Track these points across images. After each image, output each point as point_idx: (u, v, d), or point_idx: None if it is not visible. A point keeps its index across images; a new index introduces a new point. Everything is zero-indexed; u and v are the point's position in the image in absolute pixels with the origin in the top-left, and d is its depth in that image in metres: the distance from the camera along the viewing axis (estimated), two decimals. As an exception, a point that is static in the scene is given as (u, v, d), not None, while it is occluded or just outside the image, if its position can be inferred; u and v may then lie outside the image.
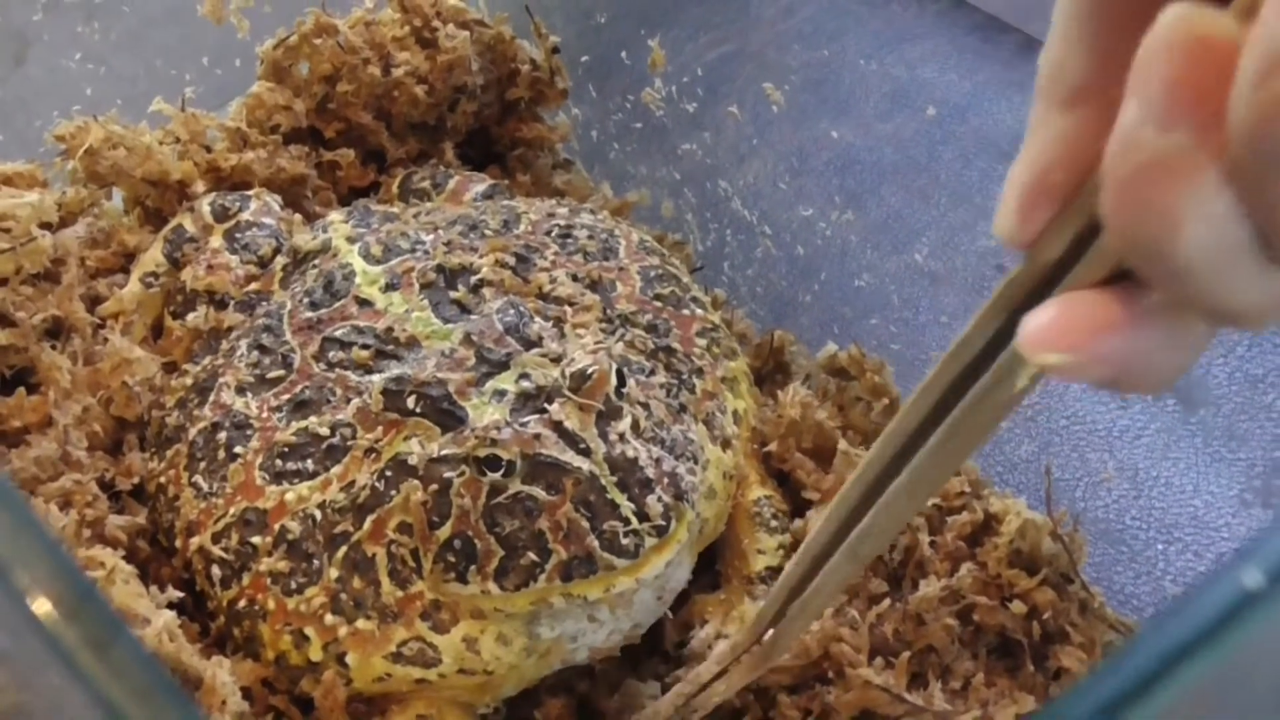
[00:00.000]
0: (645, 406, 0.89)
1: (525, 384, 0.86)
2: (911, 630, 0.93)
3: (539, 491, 0.82)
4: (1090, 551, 0.97)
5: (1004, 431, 1.09)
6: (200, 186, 1.15)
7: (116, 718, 0.44)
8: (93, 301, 1.10)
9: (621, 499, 0.82)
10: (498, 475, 0.82)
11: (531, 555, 0.82)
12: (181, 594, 0.94)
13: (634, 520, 0.82)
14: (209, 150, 1.18)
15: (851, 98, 1.25)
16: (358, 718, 0.90)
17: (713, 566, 1.00)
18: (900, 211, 1.20)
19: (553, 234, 1.05)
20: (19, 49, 1.22)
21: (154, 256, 1.11)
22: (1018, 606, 0.92)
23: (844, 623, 0.93)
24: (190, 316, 1.06)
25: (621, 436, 0.84)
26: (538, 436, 0.83)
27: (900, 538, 0.96)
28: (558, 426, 0.84)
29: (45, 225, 1.07)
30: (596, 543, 0.82)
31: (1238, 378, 1.06)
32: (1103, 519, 1.03)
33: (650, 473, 0.84)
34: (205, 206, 1.12)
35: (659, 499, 0.83)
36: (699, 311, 1.04)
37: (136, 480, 1.00)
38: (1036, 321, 0.49)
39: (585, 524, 0.82)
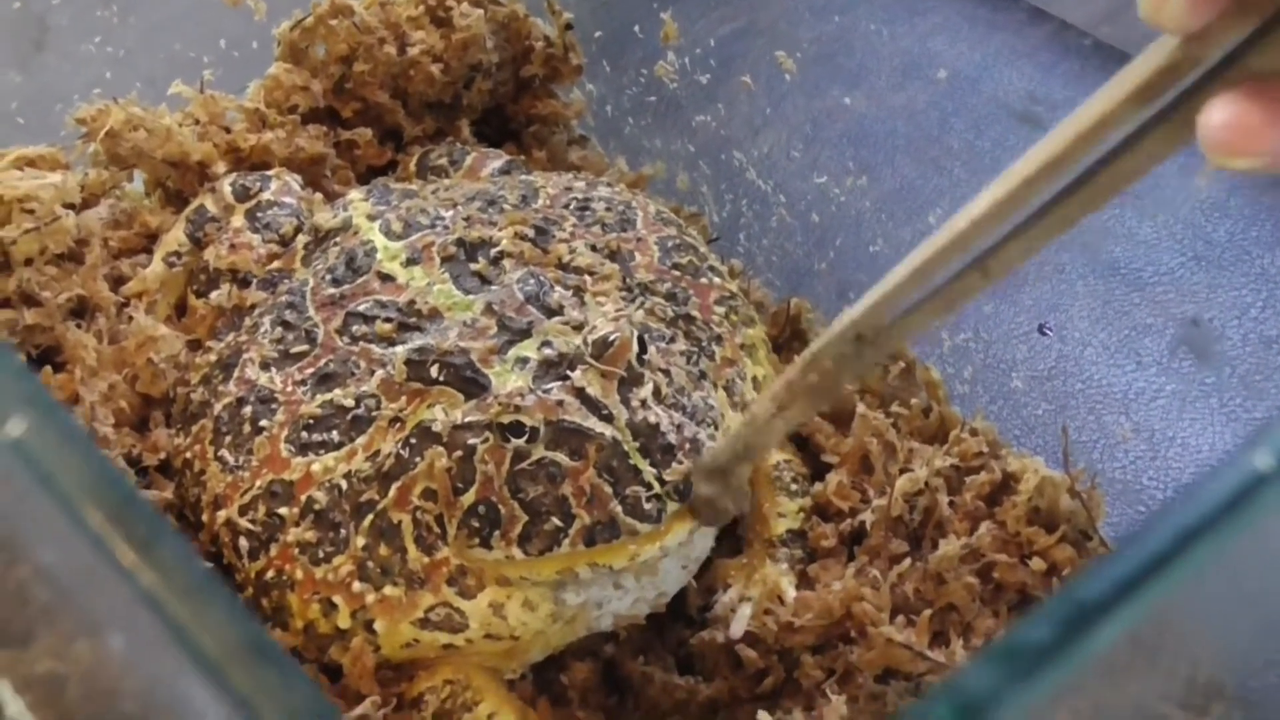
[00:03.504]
0: (666, 373, 0.89)
1: (548, 351, 0.87)
2: (932, 589, 0.93)
3: (562, 457, 0.83)
4: (1108, 512, 0.98)
5: (1020, 394, 1.09)
6: (220, 167, 1.16)
7: (162, 613, 0.45)
8: (116, 281, 1.11)
9: (644, 464, 0.83)
10: (521, 441, 0.83)
11: (555, 520, 0.83)
12: (209, 565, 0.95)
13: (656, 485, 0.83)
14: (228, 131, 1.19)
15: (863, 69, 1.26)
16: (386, 684, 0.90)
17: (734, 531, 1.01)
18: (914, 180, 1.21)
19: (570, 206, 1.06)
20: (39, 35, 1.23)
21: (176, 236, 1.12)
22: (1037, 564, 0.93)
23: (865, 582, 0.94)
24: (213, 295, 1.07)
25: (643, 403, 0.85)
26: (561, 403, 0.84)
27: (919, 499, 0.97)
28: (580, 393, 0.84)
29: (68, 206, 1.08)
30: (620, 508, 0.82)
31: (1252, 339, 1.07)
32: (1120, 479, 1.04)
33: (672, 438, 0.84)
34: (226, 187, 1.13)
35: (681, 464, 0.84)
36: (716, 280, 1.04)
37: (163, 456, 1.01)
38: (1218, 118, 0.48)
39: (608, 489, 0.83)
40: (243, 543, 0.93)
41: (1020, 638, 0.44)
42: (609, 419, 0.84)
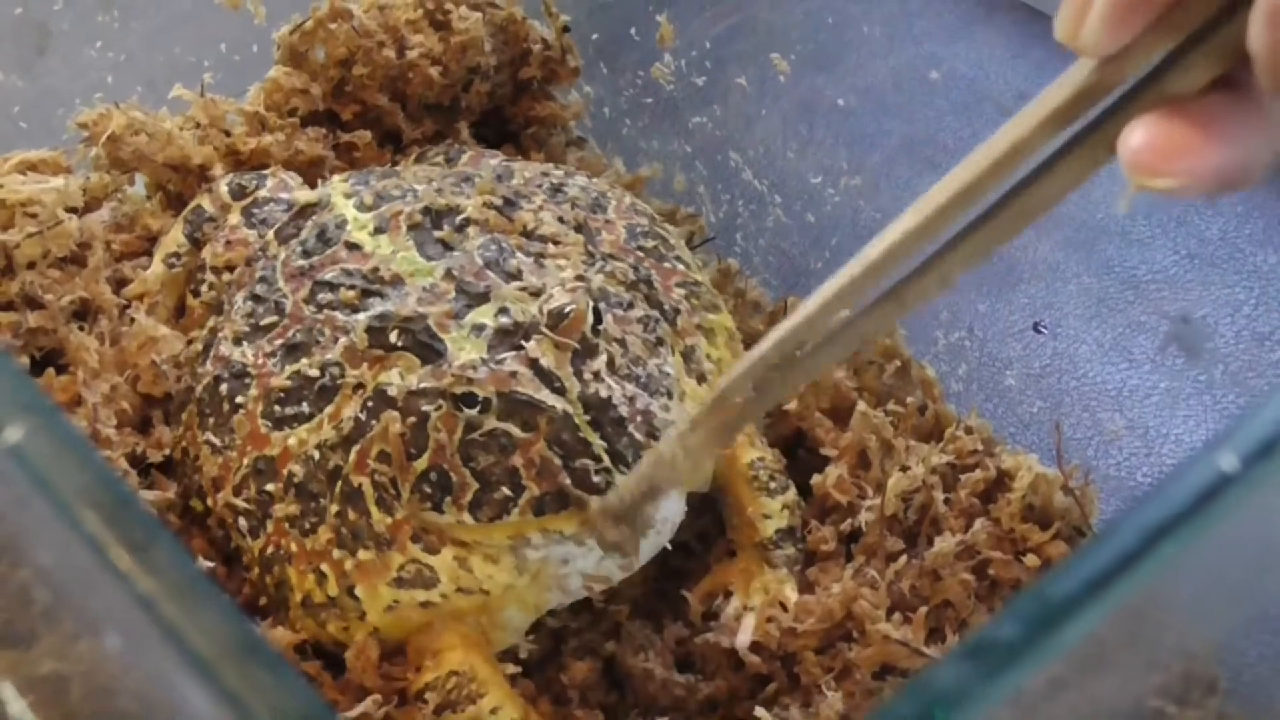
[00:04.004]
0: (621, 343, 0.90)
1: (504, 320, 0.87)
2: (928, 586, 0.94)
3: (514, 428, 0.84)
4: (1103, 509, 0.98)
5: (1014, 391, 1.10)
6: (220, 170, 1.17)
7: (156, 615, 0.46)
8: (118, 284, 1.11)
9: (594, 437, 0.84)
10: (474, 412, 0.84)
11: (505, 490, 0.84)
12: (212, 563, 0.96)
13: (605, 458, 0.84)
14: (228, 134, 1.19)
15: (857, 68, 1.27)
16: (390, 678, 0.91)
17: (726, 534, 1.02)
18: (908, 180, 1.21)
19: (544, 187, 1.06)
20: (41, 39, 1.24)
21: (175, 238, 1.13)
22: (1032, 560, 0.94)
23: (864, 582, 0.94)
24: (204, 291, 1.08)
25: (596, 375, 0.86)
26: (514, 375, 0.84)
27: (915, 496, 0.97)
28: (534, 364, 0.85)
29: (71, 210, 1.09)
30: (568, 479, 0.83)
31: (1244, 336, 1.07)
32: (1114, 476, 1.05)
33: (623, 411, 0.85)
34: (223, 186, 1.13)
35: (631, 437, 0.85)
36: (680, 267, 1.04)
37: (166, 454, 1.02)
38: (1138, 140, 0.49)
39: (557, 461, 0.83)
40: (242, 522, 0.94)
41: (988, 636, 0.45)
42: (561, 391, 0.84)
